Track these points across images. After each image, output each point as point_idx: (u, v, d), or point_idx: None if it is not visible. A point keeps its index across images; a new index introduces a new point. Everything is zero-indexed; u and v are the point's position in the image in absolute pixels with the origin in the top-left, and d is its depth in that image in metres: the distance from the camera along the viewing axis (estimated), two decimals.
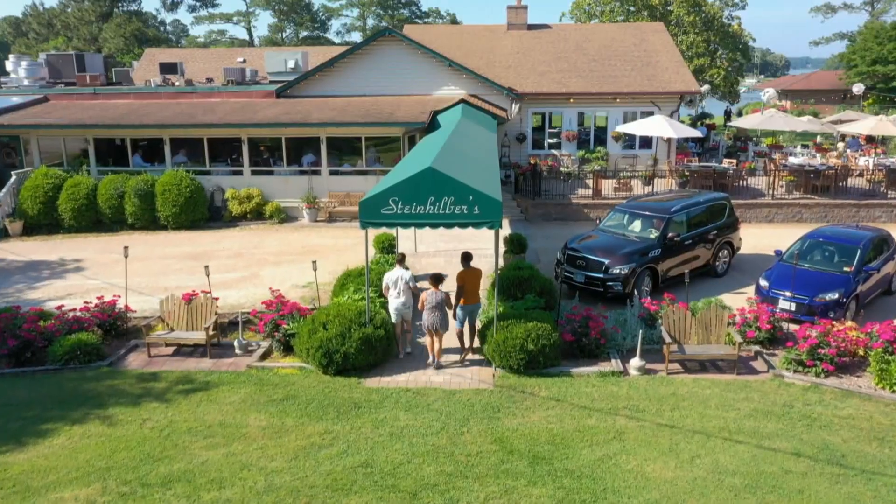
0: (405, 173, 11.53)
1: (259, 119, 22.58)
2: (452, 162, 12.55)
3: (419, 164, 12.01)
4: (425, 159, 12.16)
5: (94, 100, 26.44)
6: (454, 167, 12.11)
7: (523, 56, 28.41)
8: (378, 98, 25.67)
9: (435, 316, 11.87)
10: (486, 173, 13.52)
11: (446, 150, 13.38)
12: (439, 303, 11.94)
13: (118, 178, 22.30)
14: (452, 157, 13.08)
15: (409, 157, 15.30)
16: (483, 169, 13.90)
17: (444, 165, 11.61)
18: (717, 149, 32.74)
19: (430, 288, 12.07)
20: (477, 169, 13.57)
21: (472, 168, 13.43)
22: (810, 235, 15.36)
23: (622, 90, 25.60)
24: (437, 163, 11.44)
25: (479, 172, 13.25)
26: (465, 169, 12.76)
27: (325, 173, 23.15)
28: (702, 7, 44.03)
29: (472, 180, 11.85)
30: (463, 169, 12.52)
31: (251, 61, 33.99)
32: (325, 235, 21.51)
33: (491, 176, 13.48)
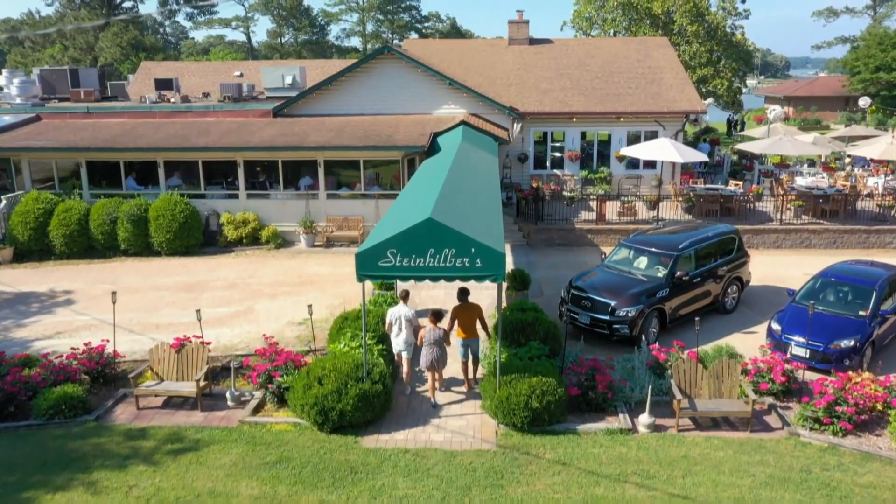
0: (403, 222, 11.02)
1: (255, 142, 22.07)
2: (453, 206, 12.05)
3: (418, 210, 11.51)
4: (424, 204, 11.65)
5: (88, 119, 25.91)
6: (455, 213, 11.62)
7: (525, 72, 27.89)
8: (377, 117, 25.16)
9: (433, 353, 11.97)
10: (487, 215, 13.02)
11: (447, 191, 12.87)
12: (437, 339, 12.04)
13: (111, 203, 21.77)
14: (453, 199, 12.58)
15: (407, 194, 14.80)
16: (485, 210, 13.39)
17: (444, 213, 11.10)
18: (722, 165, 32.26)
19: (429, 324, 12.13)
20: (478, 210, 13.07)
21: (474, 210, 12.93)
22: (823, 274, 14.85)
23: (626, 109, 25.08)
24: (437, 211, 10.93)
25: (480, 215, 12.75)
26: (467, 212, 12.26)
27: (323, 197, 22.63)
28: (705, 17, 43.49)
29: (474, 227, 11.36)
30: (464, 213, 12.02)
31: (248, 75, 33.49)
32: (323, 263, 21.00)
33: (493, 218, 12.97)
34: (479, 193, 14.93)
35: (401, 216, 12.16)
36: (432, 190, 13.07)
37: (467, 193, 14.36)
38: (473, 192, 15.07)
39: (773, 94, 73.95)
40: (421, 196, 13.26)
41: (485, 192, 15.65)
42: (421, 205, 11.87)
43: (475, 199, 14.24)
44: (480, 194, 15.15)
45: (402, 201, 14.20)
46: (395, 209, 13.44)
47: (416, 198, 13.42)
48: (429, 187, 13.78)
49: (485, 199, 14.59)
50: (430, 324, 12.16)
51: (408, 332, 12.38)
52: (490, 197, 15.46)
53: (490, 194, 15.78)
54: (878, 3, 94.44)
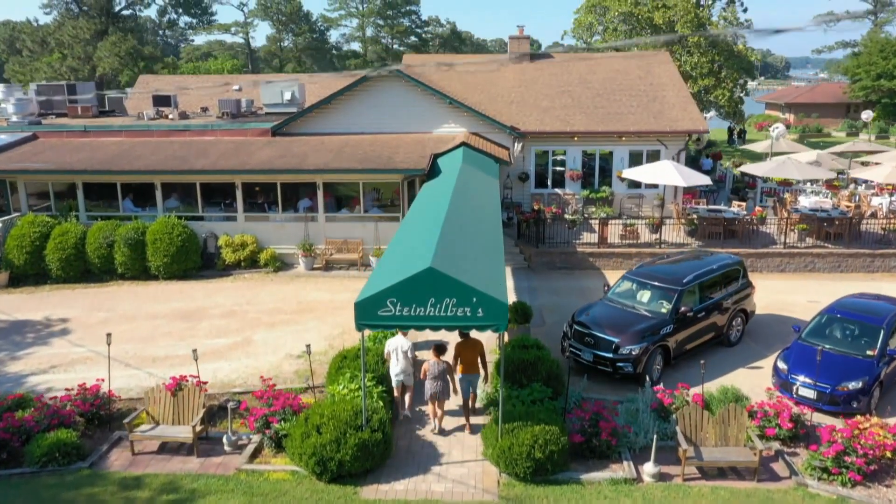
0: (403, 269, 10.80)
1: (253, 164, 21.83)
2: (454, 249, 11.82)
3: (418, 254, 11.28)
4: (424, 249, 11.42)
5: (85, 137, 25.68)
6: (456, 257, 11.40)
7: (526, 89, 27.66)
8: (376, 136, 24.94)
9: (437, 385, 12.27)
10: (489, 255, 12.79)
11: (447, 230, 12.64)
12: (441, 372, 12.26)
13: (107, 226, 21.55)
14: (453, 240, 12.35)
15: (406, 230, 14.54)
16: (486, 248, 13.16)
17: (445, 259, 10.88)
18: (724, 180, 32.05)
19: (433, 358, 12.42)
20: (480, 250, 12.85)
21: (475, 250, 12.71)
22: (829, 310, 14.62)
23: (628, 129, 24.86)
24: (438, 258, 10.71)
25: (482, 256, 12.53)
26: (468, 255, 12.04)
27: (322, 219, 22.41)
28: (707, 28, 43.25)
29: (476, 274, 11.15)
30: (465, 256, 11.80)
31: (247, 89, 33.24)
32: (322, 287, 20.78)
33: (495, 258, 12.74)
34: (480, 227, 14.71)
35: (400, 259, 11.94)
36: (432, 229, 12.84)
37: (468, 229, 14.14)
38: (474, 226, 14.85)
39: (774, 100, 73.75)
40: (421, 235, 13.03)
41: (486, 226, 15.43)
42: (421, 248, 11.64)
43: (476, 235, 14.03)
44: (482, 228, 14.93)
45: (401, 239, 13.97)
46: (394, 249, 13.22)
47: (415, 236, 13.20)
48: (429, 225, 13.56)
49: (486, 234, 14.37)
50: (433, 357, 12.46)
51: (405, 362, 12.80)
52: (491, 230, 15.25)
53: (491, 226, 15.58)
54: (879, 9, 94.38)
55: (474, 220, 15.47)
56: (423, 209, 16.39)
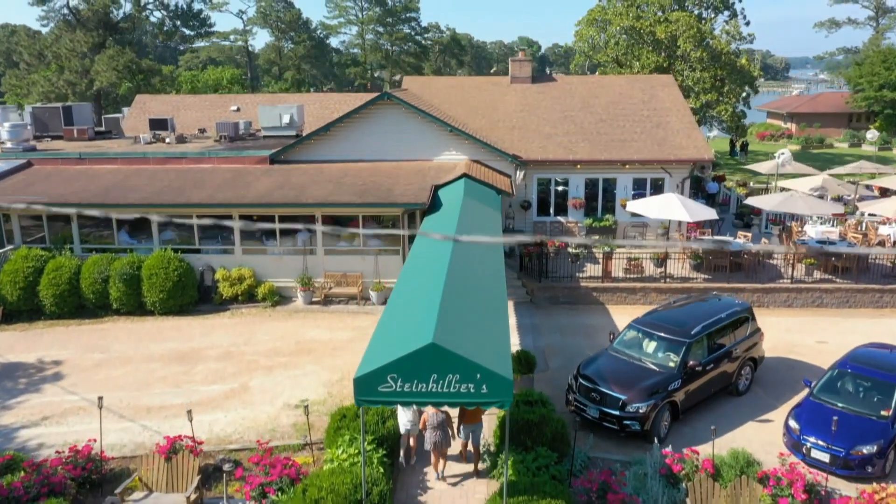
0: (404, 341, 10.40)
1: (251, 197, 21.45)
2: (457, 312, 11.44)
3: (418, 324, 10.87)
4: (425, 317, 10.99)
5: (80, 164, 25.29)
6: (459, 325, 11.02)
7: (528, 114, 27.28)
8: (376, 165, 24.57)
9: (437, 435, 12.39)
10: (493, 316, 12.40)
11: (450, 291, 12.24)
12: (440, 423, 12.42)
13: (102, 261, 21.17)
14: (456, 301, 11.97)
15: (406, 286, 14.10)
16: (490, 307, 12.77)
17: (447, 329, 10.49)
18: (728, 204, 31.68)
19: (431, 409, 12.43)
20: (483, 310, 12.48)
21: (478, 309, 12.36)
22: (841, 364, 14.23)
23: (632, 157, 24.49)
24: (440, 331, 10.31)
25: (486, 317, 12.17)
26: (471, 318, 11.68)
27: (321, 252, 22.03)
28: (709, 43, 42.84)
29: (480, 344, 10.78)
30: (468, 322, 11.42)
31: (245, 109, 32.88)
32: (321, 324, 20.39)
33: (498, 321, 12.34)
34: (482, 280, 14.33)
35: (400, 325, 11.56)
36: (433, 289, 12.44)
37: (471, 282, 13.78)
38: (477, 279, 14.51)
39: (776, 109, 73.41)
40: (422, 294, 12.66)
41: (489, 276, 15.08)
42: (422, 314, 11.24)
43: (479, 289, 13.66)
44: (484, 281, 14.58)
45: (401, 295, 13.58)
46: (394, 309, 12.81)
47: (416, 296, 12.82)
48: (430, 281, 13.16)
49: (489, 288, 13.99)
50: (431, 408, 12.46)
51: (412, 412, 12.94)
52: (494, 281, 14.93)
53: (494, 277, 15.25)
54: (881, 15, 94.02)
55: (476, 271, 15.12)
56: (423, 257, 16.01)
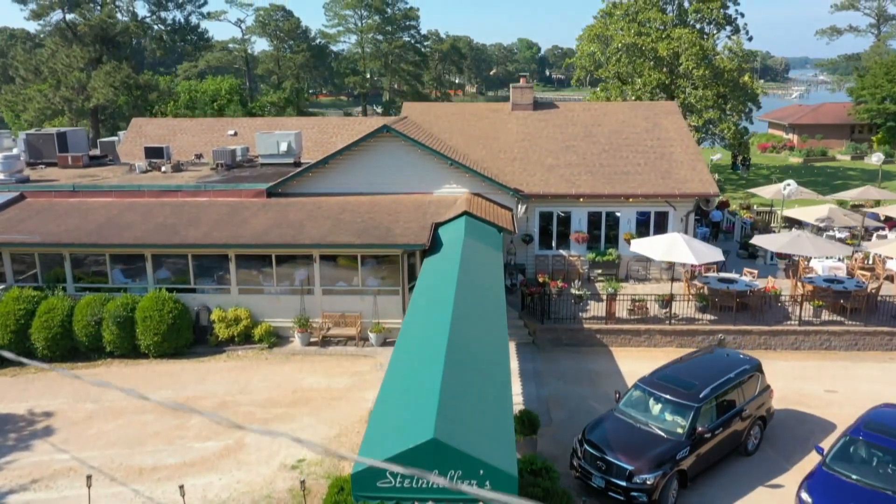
0: (404, 434, 9.96)
1: (247, 237, 21.01)
2: (458, 393, 10.99)
3: (419, 409, 10.44)
4: (426, 401, 10.55)
5: (74, 197, 24.84)
6: (460, 410, 10.58)
7: (530, 143, 26.84)
8: (375, 198, 24.14)
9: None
10: (496, 392, 11.94)
11: (451, 365, 11.79)
12: None
13: (96, 302, 20.74)
14: (459, 376, 11.52)
15: (405, 349, 13.67)
16: (494, 382, 12.31)
17: (449, 419, 10.05)
18: (732, 231, 31.25)
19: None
20: (487, 385, 12.03)
21: (481, 385, 11.91)
22: (854, 431, 13.77)
23: (636, 191, 24.04)
24: (441, 421, 9.86)
25: (488, 393, 11.73)
26: (474, 399, 11.24)
27: (319, 292, 21.60)
28: (712, 61, 42.41)
29: (483, 428, 10.36)
30: (471, 406, 10.99)
31: (243, 133, 32.41)
32: (318, 369, 19.95)
33: (502, 398, 11.86)
34: (485, 344, 13.89)
35: (400, 406, 11.11)
36: (436, 353, 12.04)
37: (473, 347, 13.34)
38: (480, 331, 14.16)
39: (777, 120, 72.97)
40: (424, 360, 12.24)
41: (492, 328, 14.69)
42: (423, 397, 10.79)
43: (482, 356, 13.23)
44: (487, 335, 14.19)
45: (403, 356, 13.16)
46: (395, 378, 12.37)
47: (418, 360, 12.40)
48: (430, 348, 12.72)
49: (492, 354, 13.55)
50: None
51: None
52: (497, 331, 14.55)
53: (496, 325, 14.89)
54: (882, 22, 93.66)
55: (479, 319, 14.82)
56: (425, 307, 15.61)
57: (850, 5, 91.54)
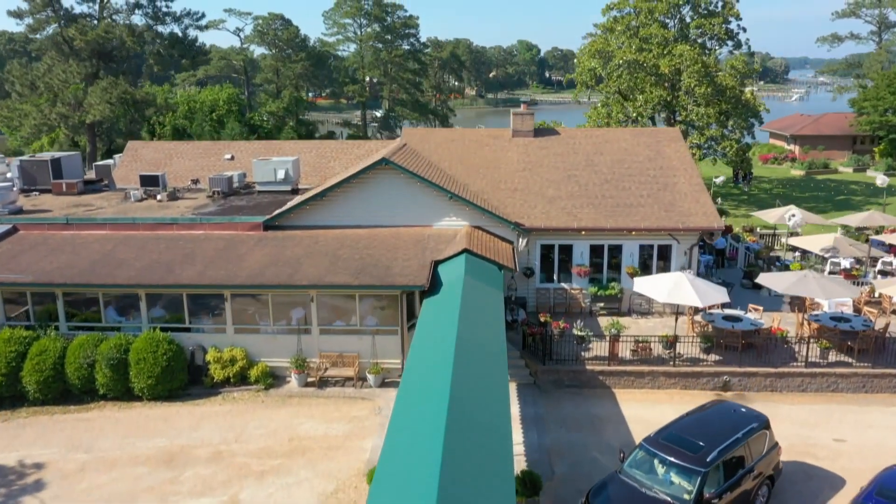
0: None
1: (243, 277, 20.58)
2: (459, 465, 10.65)
3: (417, 481, 10.08)
4: (427, 474, 10.17)
5: (67, 230, 24.44)
6: (462, 479, 10.33)
7: (530, 173, 26.44)
8: (374, 232, 23.75)
9: None
10: (498, 459, 11.57)
11: (454, 423, 11.49)
12: None
13: (89, 343, 20.35)
14: (460, 442, 11.18)
15: (404, 409, 13.31)
16: (495, 447, 11.94)
17: (450, 494, 9.72)
18: (736, 259, 30.85)
19: None
20: (488, 453, 11.66)
21: (483, 452, 11.55)
22: (867, 499, 13.38)
23: (639, 225, 23.65)
24: (443, 496, 9.52)
25: (489, 463, 11.37)
26: (475, 469, 10.91)
27: (316, 332, 21.21)
28: (714, 78, 42.01)
29: (484, 498, 10.06)
30: (471, 477, 10.63)
31: (240, 158, 32.01)
32: (315, 414, 19.54)
33: (504, 464, 11.49)
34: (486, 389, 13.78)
35: (400, 476, 10.73)
36: (437, 415, 11.77)
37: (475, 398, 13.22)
38: (481, 388, 13.92)
39: (779, 130, 72.61)
40: (422, 425, 11.92)
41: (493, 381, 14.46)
42: (423, 469, 10.41)
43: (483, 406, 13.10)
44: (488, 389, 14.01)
45: (404, 411, 12.95)
46: (395, 442, 11.99)
47: (419, 423, 12.10)
48: (430, 410, 12.41)
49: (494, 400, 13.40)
50: None
51: None
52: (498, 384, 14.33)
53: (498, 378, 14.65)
54: (883, 30, 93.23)
55: (480, 382, 14.43)
56: (424, 363, 15.25)
57: (851, 13, 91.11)
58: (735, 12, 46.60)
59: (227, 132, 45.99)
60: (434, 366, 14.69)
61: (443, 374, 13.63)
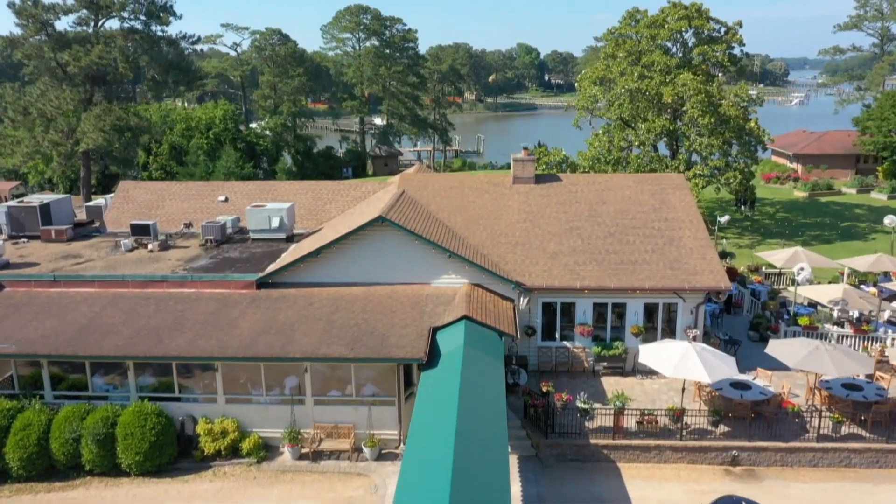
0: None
1: (234, 348, 19.84)
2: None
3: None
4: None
5: (54, 288, 23.71)
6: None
7: (532, 224, 25.72)
8: (371, 289, 23.06)
9: None
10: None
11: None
12: None
13: (74, 415, 19.65)
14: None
15: (408, 476, 12.88)
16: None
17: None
18: (741, 306, 30.16)
19: None
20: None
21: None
22: None
23: (643, 284, 22.92)
24: None
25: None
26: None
27: (310, 402, 20.50)
28: (717, 109, 41.28)
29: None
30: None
31: (234, 200, 31.27)
32: (309, 494, 18.82)
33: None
34: (487, 474, 13.42)
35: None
36: None
37: (476, 486, 12.75)
38: (482, 473, 13.86)
39: (782, 149, 71.86)
40: None
41: (494, 466, 14.24)
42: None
43: (484, 495, 12.58)
44: (489, 474, 13.88)
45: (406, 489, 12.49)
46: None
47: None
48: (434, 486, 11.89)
49: (495, 488, 12.86)
50: None
51: None
52: (499, 469, 14.21)
53: (499, 462, 14.53)
54: (885, 42, 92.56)
55: (481, 466, 14.36)
56: (423, 447, 14.91)
57: (853, 25, 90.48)
58: (738, 38, 45.92)
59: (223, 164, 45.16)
60: (434, 449, 14.53)
61: (443, 458, 13.72)
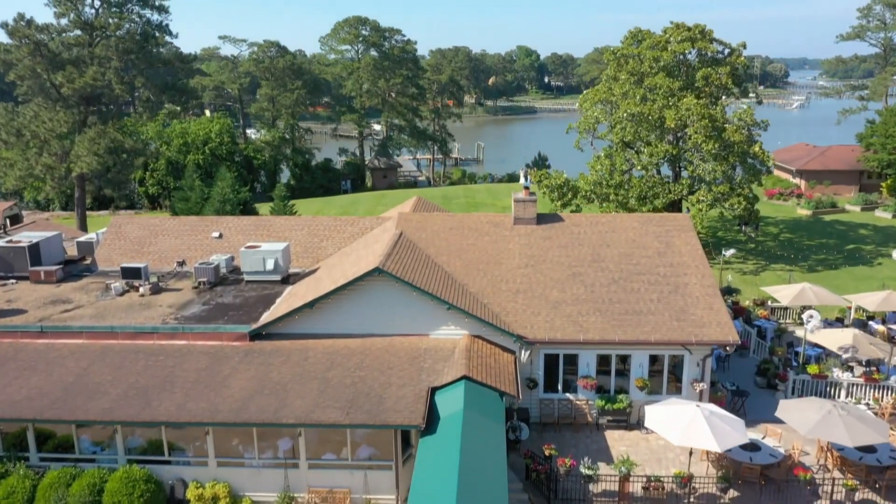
0: None
1: (225, 412, 19.08)
2: None
3: None
4: None
5: (41, 339, 23.01)
6: None
7: (533, 270, 25.02)
8: (368, 342, 22.41)
9: None
10: None
11: None
12: None
13: (60, 481, 18.99)
14: None
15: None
16: None
17: None
18: (748, 347, 29.45)
19: None
20: None
21: None
22: None
23: (648, 338, 22.23)
24: None
25: None
26: None
27: (304, 466, 19.80)
28: (721, 134, 40.58)
29: None
30: None
31: (228, 237, 30.57)
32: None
33: None
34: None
35: None
36: None
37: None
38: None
39: (785, 164, 71.09)
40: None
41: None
42: None
43: None
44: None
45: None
46: None
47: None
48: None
49: None
50: None
51: None
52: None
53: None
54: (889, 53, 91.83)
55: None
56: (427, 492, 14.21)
57: (856, 35, 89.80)
58: (742, 60, 45.21)
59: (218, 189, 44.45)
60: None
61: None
